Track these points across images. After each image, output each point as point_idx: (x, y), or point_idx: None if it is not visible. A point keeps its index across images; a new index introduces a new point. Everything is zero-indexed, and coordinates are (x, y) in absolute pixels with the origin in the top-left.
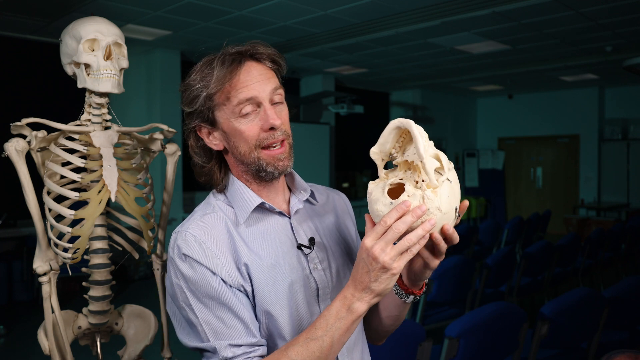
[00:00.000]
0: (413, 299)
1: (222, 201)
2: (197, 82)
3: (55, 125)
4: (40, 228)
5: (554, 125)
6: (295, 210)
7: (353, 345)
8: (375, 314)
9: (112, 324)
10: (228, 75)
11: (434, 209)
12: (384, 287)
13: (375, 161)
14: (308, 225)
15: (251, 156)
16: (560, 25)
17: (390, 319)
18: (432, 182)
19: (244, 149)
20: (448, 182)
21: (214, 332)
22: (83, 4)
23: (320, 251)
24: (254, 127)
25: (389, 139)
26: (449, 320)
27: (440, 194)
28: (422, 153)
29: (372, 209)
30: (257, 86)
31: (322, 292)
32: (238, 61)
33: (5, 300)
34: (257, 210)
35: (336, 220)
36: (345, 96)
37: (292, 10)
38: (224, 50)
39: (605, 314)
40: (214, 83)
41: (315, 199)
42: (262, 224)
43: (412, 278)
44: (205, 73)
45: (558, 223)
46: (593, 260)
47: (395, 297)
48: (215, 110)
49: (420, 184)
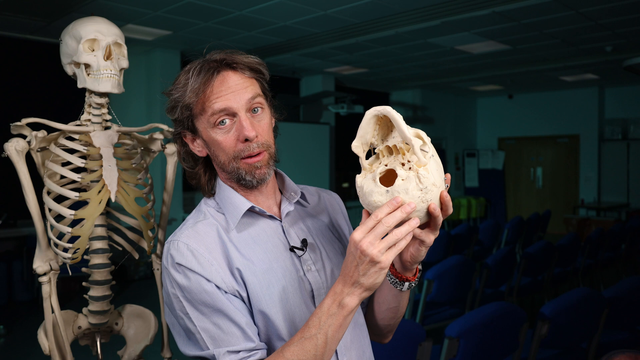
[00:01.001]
0: (409, 287)
1: (213, 207)
2: (175, 92)
3: (55, 125)
4: (40, 228)
5: (554, 125)
6: (286, 212)
7: (350, 343)
8: (374, 309)
9: (112, 324)
10: (202, 86)
11: (430, 185)
12: (373, 281)
13: (358, 154)
14: (300, 227)
15: (230, 166)
16: (560, 25)
17: (390, 312)
18: (422, 160)
19: (223, 158)
20: (432, 156)
21: (212, 340)
22: (83, 4)
23: (313, 252)
24: (230, 138)
25: (368, 129)
26: (449, 320)
27: (430, 170)
28: (408, 135)
29: (367, 202)
30: (232, 97)
31: (317, 293)
32: (213, 71)
33: (5, 300)
34: (247, 214)
35: (328, 220)
36: (345, 96)
37: (292, 10)
38: (202, 60)
39: (605, 314)
40: (189, 94)
41: (307, 200)
42: (253, 228)
43: (408, 262)
44: (183, 83)
45: (558, 223)
46: (593, 260)
47: (391, 287)
48: (194, 120)
49: (409, 165)
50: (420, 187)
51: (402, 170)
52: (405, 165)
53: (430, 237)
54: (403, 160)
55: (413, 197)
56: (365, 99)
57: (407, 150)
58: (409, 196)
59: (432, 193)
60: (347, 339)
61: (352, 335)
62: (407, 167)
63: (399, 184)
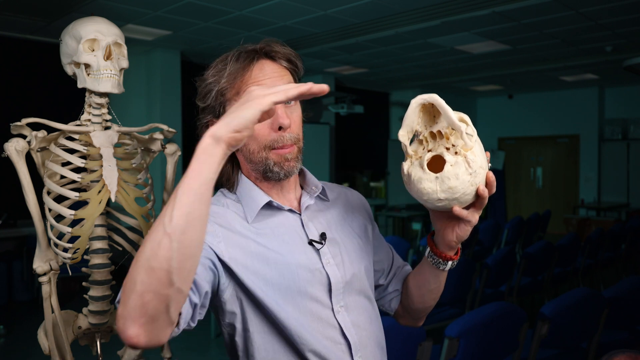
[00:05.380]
0: (451, 265)
1: (233, 200)
2: (210, 77)
3: (55, 125)
4: (40, 228)
5: (554, 125)
6: (306, 206)
7: (366, 339)
8: (414, 293)
9: (112, 324)
10: (240, 71)
11: (478, 168)
12: (239, 113)
13: (404, 142)
14: (319, 220)
15: (259, 155)
16: (560, 25)
17: (432, 292)
18: (468, 145)
19: (253, 147)
20: (477, 140)
21: None
22: (83, 4)
23: (332, 246)
24: (263, 126)
25: (414, 117)
26: (449, 320)
27: (477, 153)
28: (456, 121)
29: (416, 190)
30: (269, 83)
31: (335, 287)
32: (251, 58)
33: (5, 300)
34: (265, 208)
35: (349, 216)
36: (345, 96)
37: (292, 10)
38: (240, 48)
39: (605, 314)
40: (226, 78)
41: (327, 195)
42: (272, 220)
43: (454, 241)
44: (219, 69)
45: (558, 223)
46: (593, 260)
47: (433, 268)
48: (226, 106)
49: (454, 149)
50: (469, 172)
51: (450, 155)
52: (451, 149)
53: (475, 216)
54: (448, 145)
55: (463, 181)
56: (365, 99)
57: (451, 135)
58: (460, 181)
59: (480, 176)
60: (362, 334)
61: (369, 332)
62: (453, 151)
63: (449, 170)
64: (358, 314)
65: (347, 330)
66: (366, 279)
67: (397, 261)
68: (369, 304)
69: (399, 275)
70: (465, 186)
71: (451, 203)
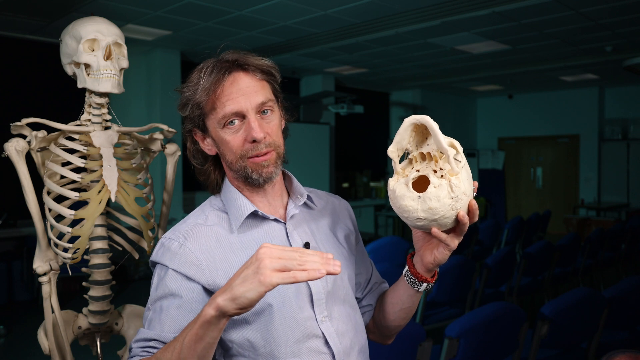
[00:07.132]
0: (426, 287)
1: (218, 209)
2: (186, 90)
3: (55, 125)
4: (40, 228)
5: (554, 125)
6: (291, 215)
7: (349, 348)
8: (387, 310)
9: (112, 324)
10: (213, 85)
11: (460, 194)
12: (243, 293)
13: (393, 159)
14: (304, 229)
15: (237, 164)
16: (560, 25)
17: (404, 312)
18: (454, 170)
19: (230, 157)
20: (464, 166)
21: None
22: (83, 4)
23: None
24: (238, 138)
25: (405, 135)
26: (449, 320)
27: (462, 179)
28: (444, 145)
29: (398, 205)
30: (242, 99)
31: (316, 297)
32: (224, 71)
33: (5, 300)
34: (250, 217)
35: (335, 225)
36: (345, 96)
37: (292, 10)
38: (217, 58)
39: (605, 314)
40: (200, 92)
41: (314, 203)
42: (256, 230)
43: (431, 264)
44: (195, 81)
45: (558, 223)
46: (593, 260)
47: (408, 287)
48: (205, 118)
49: (441, 173)
50: (451, 196)
51: (435, 177)
52: (438, 172)
53: (454, 242)
54: (435, 168)
55: (444, 204)
56: (365, 99)
57: (440, 158)
58: (440, 203)
59: (462, 201)
60: (346, 343)
61: (353, 340)
62: (439, 174)
63: (432, 191)
64: (342, 323)
65: (331, 340)
66: (350, 287)
67: (376, 277)
68: (353, 312)
69: (376, 291)
70: (446, 209)
71: (430, 224)
